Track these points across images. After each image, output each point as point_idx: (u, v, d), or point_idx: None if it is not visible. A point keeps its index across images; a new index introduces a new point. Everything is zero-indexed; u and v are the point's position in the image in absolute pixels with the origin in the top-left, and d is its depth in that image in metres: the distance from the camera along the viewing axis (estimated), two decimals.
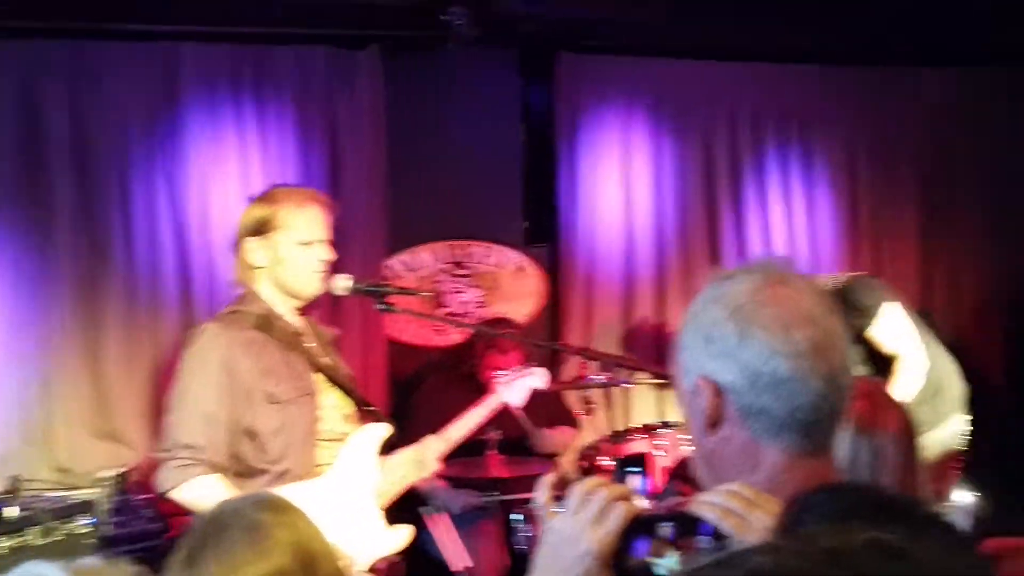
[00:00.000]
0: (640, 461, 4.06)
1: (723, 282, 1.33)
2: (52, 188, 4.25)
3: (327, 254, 2.95)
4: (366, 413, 3.14)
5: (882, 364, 4.20)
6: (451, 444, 3.22)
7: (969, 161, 5.69)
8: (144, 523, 3.65)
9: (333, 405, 3.01)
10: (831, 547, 0.73)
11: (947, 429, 4.33)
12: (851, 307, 4.12)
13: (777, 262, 1.34)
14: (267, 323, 2.88)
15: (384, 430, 3.03)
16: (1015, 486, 4.65)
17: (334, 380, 3.03)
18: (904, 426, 2.04)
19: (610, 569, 1.17)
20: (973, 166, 5.70)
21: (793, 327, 1.25)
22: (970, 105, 5.66)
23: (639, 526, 1.17)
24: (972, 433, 4.42)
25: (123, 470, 4.08)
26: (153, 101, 4.36)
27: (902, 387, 4.09)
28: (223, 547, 1.66)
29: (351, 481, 2.93)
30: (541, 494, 1.28)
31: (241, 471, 2.82)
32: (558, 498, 1.26)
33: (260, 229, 2.89)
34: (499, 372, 3.61)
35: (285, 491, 2.70)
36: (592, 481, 1.23)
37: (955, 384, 4.41)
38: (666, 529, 1.15)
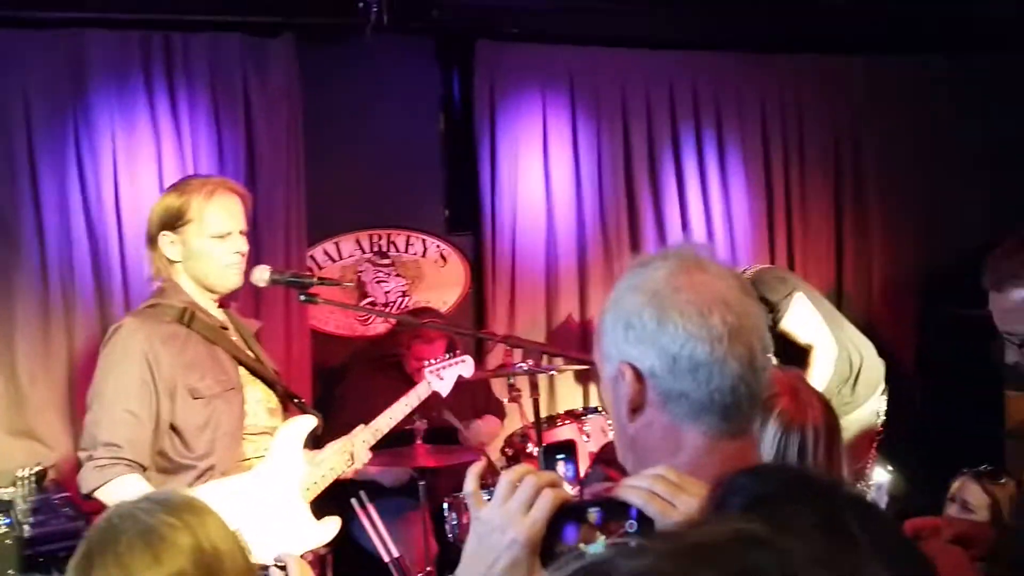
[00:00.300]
0: (567, 448, 4.09)
1: (640, 269, 1.35)
2: None
3: (243, 245, 2.89)
4: (293, 405, 3.12)
5: (794, 355, 4.32)
6: (379, 434, 3.22)
7: (878, 147, 5.84)
8: (64, 522, 3.56)
9: (258, 399, 2.98)
10: (696, 543, 0.72)
11: (867, 409, 4.47)
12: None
13: (693, 248, 1.36)
14: (189, 316, 2.83)
15: (311, 422, 3.01)
16: (926, 466, 4.81)
17: (258, 374, 2.99)
18: (827, 417, 2.10)
19: (539, 557, 1.17)
20: (882, 152, 5.85)
21: (709, 311, 1.27)
22: (879, 93, 5.81)
23: (567, 513, 1.17)
24: (886, 414, 4.56)
25: (40, 468, 3.99)
26: (61, 90, 4.23)
27: (816, 376, 4.21)
28: (119, 553, 1.61)
29: (278, 474, 2.91)
30: (469, 483, 1.28)
31: (166, 467, 2.77)
32: (486, 487, 1.26)
33: (172, 222, 2.82)
34: (426, 361, 3.62)
35: (210, 487, 2.67)
36: (519, 469, 1.24)
37: (873, 364, 4.54)
38: (594, 515, 1.15)
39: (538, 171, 5.21)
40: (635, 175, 5.38)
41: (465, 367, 3.61)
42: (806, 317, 4.35)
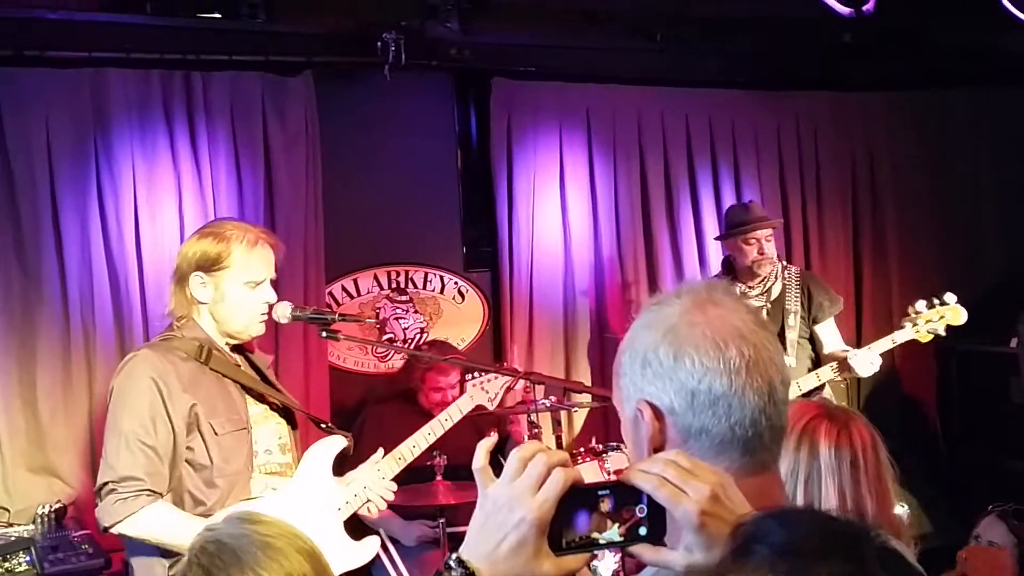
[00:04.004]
0: None
1: (655, 307, 1.34)
2: None
3: (271, 296, 2.92)
4: (321, 430, 3.14)
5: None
6: (403, 463, 3.26)
7: (895, 182, 5.83)
8: (84, 560, 3.56)
9: (272, 434, 2.97)
10: None
11: None
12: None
13: (706, 284, 1.36)
14: (206, 353, 2.84)
15: (341, 442, 3.01)
16: (947, 503, 4.76)
17: (275, 405, 2.99)
18: (869, 430, 2.08)
19: (547, 539, 1.12)
20: (899, 187, 5.84)
21: (725, 344, 1.26)
22: (896, 128, 5.82)
23: (578, 495, 1.13)
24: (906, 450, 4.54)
25: (60, 505, 3.99)
26: (83, 129, 4.26)
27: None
28: (246, 570, 1.67)
29: (311, 494, 2.90)
30: (479, 459, 1.21)
31: (176, 501, 2.77)
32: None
33: (209, 265, 2.84)
34: (469, 375, 3.68)
35: (256, 504, 2.68)
36: (531, 446, 1.18)
37: None
38: (604, 500, 1.12)
39: (555, 207, 5.23)
40: (652, 210, 5.39)
41: (510, 380, 3.63)
42: (835, 333, 4.61)
